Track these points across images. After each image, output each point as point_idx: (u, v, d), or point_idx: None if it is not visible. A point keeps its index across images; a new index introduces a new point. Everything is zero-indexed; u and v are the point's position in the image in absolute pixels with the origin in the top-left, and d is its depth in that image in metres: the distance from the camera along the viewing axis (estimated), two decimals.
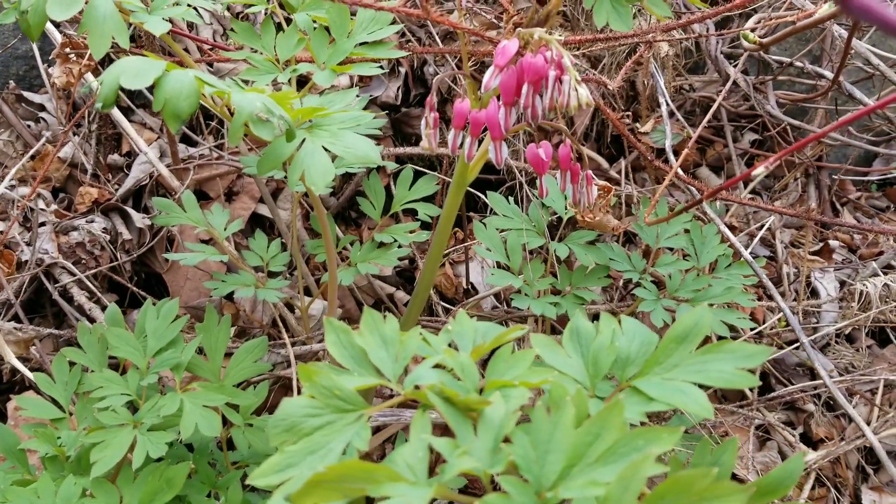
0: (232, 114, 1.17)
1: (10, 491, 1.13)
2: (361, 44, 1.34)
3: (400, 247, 1.66)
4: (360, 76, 2.22)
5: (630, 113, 1.85)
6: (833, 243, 2.20)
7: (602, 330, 0.79)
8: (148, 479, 1.13)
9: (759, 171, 0.86)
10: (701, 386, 0.73)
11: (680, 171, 1.32)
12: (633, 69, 1.43)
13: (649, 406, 0.72)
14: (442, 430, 1.27)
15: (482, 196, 2.00)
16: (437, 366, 0.76)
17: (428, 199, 1.72)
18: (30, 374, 1.41)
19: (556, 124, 1.01)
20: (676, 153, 1.82)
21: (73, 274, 1.77)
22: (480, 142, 1.08)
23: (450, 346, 0.81)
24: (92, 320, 1.71)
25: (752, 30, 1.47)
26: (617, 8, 0.91)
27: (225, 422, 1.32)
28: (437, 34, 2.15)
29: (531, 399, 0.72)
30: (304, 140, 1.08)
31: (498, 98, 0.98)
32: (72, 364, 1.34)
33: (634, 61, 1.34)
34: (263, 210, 2.02)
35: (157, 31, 1.11)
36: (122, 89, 0.96)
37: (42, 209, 1.86)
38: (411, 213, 1.83)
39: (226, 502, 1.21)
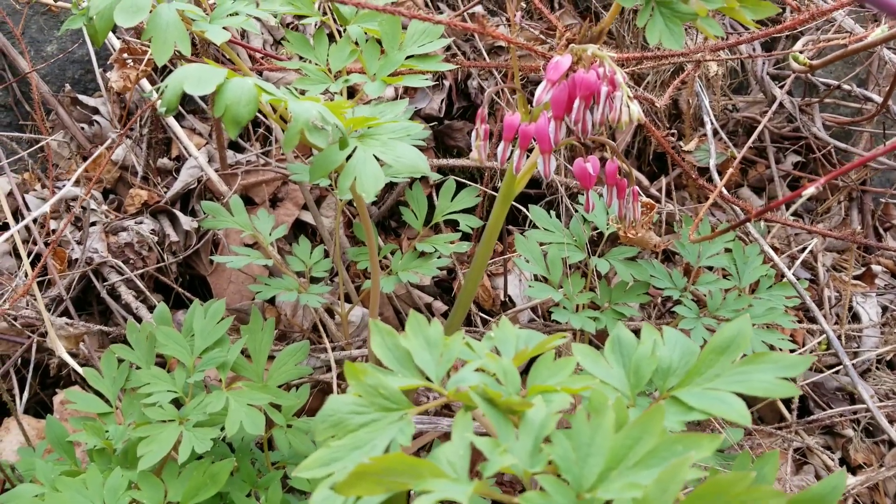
0: (286, 121, 1.21)
1: (59, 481, 1.17)
2: (411, 56, 1.37)
3: (440, 257, 1.68)
4: (404, 88, 2.26)
5: (675, 131, 1.86)
6: (876, 268, 2.18)
7: (644, 340, 0.80)
8: (192, 474, 1.16)
9: (810, 190, 0.86)
10: (742, 397, 0.74)
11: (724, 191, 1.32)
12: (678, 88, 1.44)
13: (688, 415, 0.73)
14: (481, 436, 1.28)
15: (523, 209, 2.02)
16: (479, 370, 0.78)
17: (469, 211, 1.74)
18: (79, 369, 1.45)
19: (602, 139, 1.03)
20: (720, 172, 1.82)
21: (121, 273, 1.82)
22: (528, 155, 1.10)
23: (492, 351, 0.83)
24: (138, 319, 1.75)
25: (801, 52, 1.47)
26: (670, 26, 0.93)
27: (266, 422, 1.35)
28: (484, 48, 2.18)
29: (572, 405, 0.73)
30: (355, 148, 1.11)
31: (548, 112, 1.00)
32: (120, 361, 1.38)
33: (681, 80, 1.35)
34: (307, 217, 2.06)
35: (218, 40, 1.15)
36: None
37: (93, 209, 1.92)
38: (452, 224, 1.85)
39: (266, 501, 1.24)
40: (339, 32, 1.44)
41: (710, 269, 1.61)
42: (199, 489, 1.15)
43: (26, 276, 1.76)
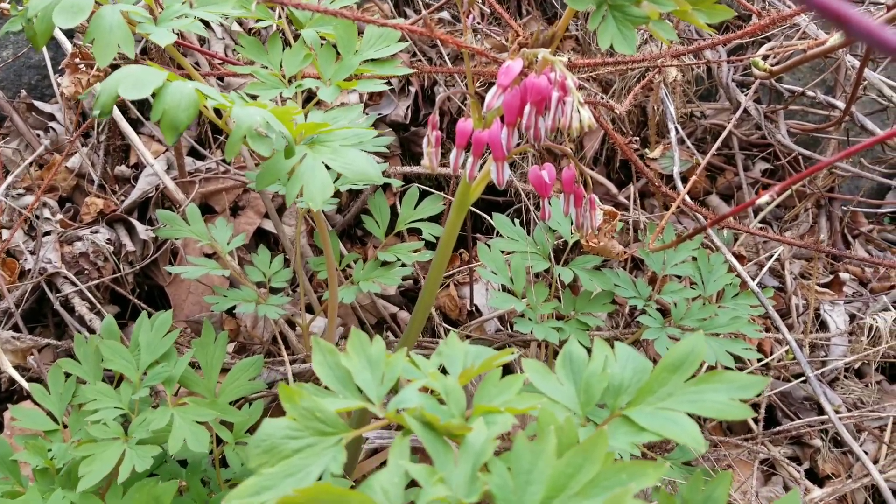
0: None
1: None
2: (368, 60, 1.33)
3: (403, 266, 1.65)
4: (370, 94, 2.23)
5: (639, 138, 1.84)
6: (844, 276, 2.17)
7: (595, 356, 0.77)
8: (136, 495, 1.11)
9: (764, 199, 0.84)
10: (696, 416, 0.71)
11: (687, 199, 1.30)
12: (643, 94, 1.42)
13: (640, 436, 0.70)
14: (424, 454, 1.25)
15: (488, 218, 1.99)
16: (423, 389, 0.74)
17: (434, 219, 1.71)
18: (25, 385, 1.40)
19: (562, 147, 1.00)
20: (685, 180, 1.80)
21: (75, 284, 1.77)
22: (484, 162, 1.07)
23: (440, 369, 0.80)
24: (92, 331, 1.70)
25: (765, 58, 1.45)
26: (622, 30, 0.90)
27: (220, 439, 1.30)
28: (448, 55, 2.15)
29: (516, 426, 0.70)
30: (305, 155, 1.08)
31: (501, 118, 0.97)
32: (67, 375, 1.33)
33: (644, 86, 1.33)
34: (269, 226, 2.02)
35: (163, 43, 1.10)
36: (133, 100, 0.95)
37: (47, 218, 1.87)
38: (416, 233, 1.82)
39: None
40: (296, 37, 1.41)
41: (679, 277, 1.59)
42: None
43: None
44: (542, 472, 0.58)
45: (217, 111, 1.21)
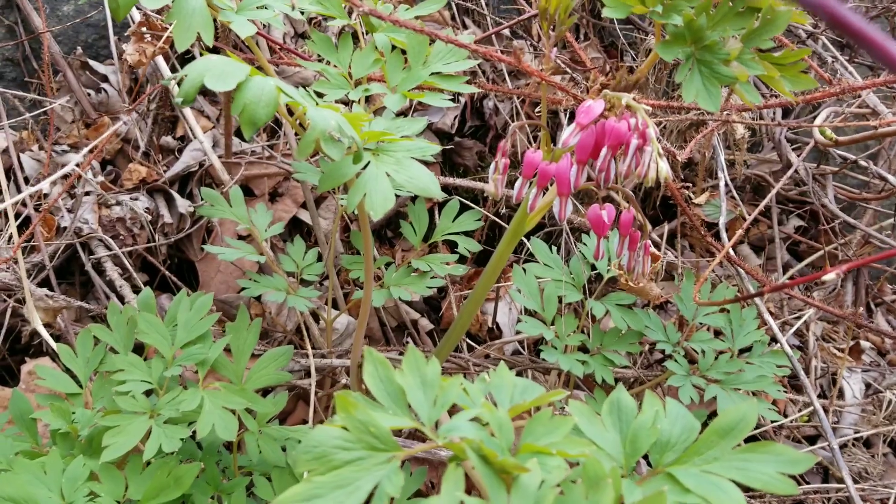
0: (301, 125, 1.18)
1: (16, 462, 1.13)
2: (435, 73, 1.34)
3: (433, 277, 1.66)
4: (418, 101, 2.24)
5: (687, 183, 1.84)
6: (864, 344, 2.17)
7: (645, 409, 0.78)
8: (156, 473, 1.12)
9: (831, 275, 0.84)
10: (739, 485, 0.72)
11: (731, 252, 1.31)
12: (696, 141, 1.42)
13: (685, 497, 0.71)
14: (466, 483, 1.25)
15: (524, 240, 1.99)
16: (473, 419, 0.75)
17: (469, 234, 1.72)
18: (53, 344, 1.41)
19: (625, 190, 1.01)
20: (727, 230, 1.81)
21: (109, 248, 1.78)
22: (543, 194, 1.08)
23: (486, 397, 0.80)
24: (121, 297, 1.71)
25: (824, 124, 1.46)
26: (707, 87, 0.91)
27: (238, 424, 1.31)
28: (505, 70, 2.15)
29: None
30: (368, 163, 1.08)
31: (571, 154, 0.98)
32: (97, 341, 1.34)
33: (703, 136, 1.34)
34: (304, 216, 2.03)
35: (243, 34, 1.11)
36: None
37: (88, 179, 1.88)
38: (448, 244, 1.83)
39: None
40: (364, 38, 1.42)
41: (703, 325, 1.59)
42: (161, 489, 1.12)
43: (10, 239, 1.72)
44: None
45: (288, 108, 1.22)
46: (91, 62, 2.11)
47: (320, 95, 1.33)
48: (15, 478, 1.09)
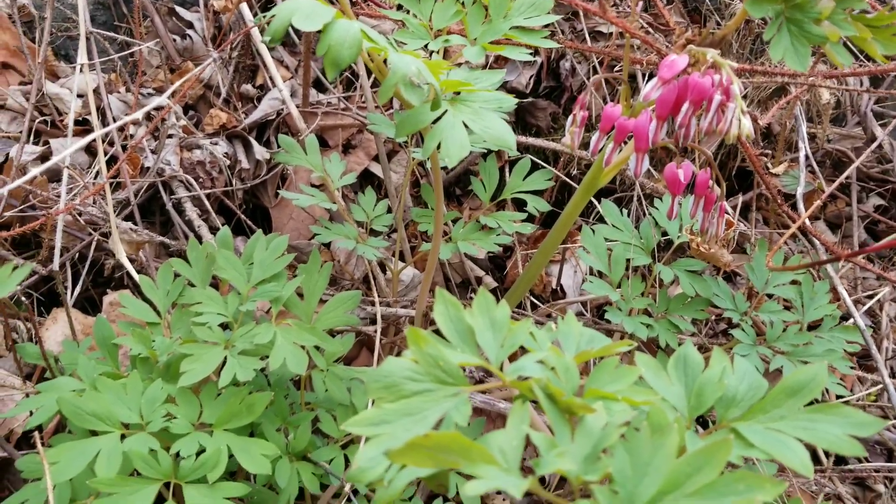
0: (382, 73, 1.20)
1: (99, 381, 1.19)
2: (516, 27, 1.34)
3: (501, 234, 1.66)
4: (495, 57, 2.23)
5: (768, 152, 1.80)
6: None
7: (713, 364, 0.78)
8: (230, 400, 1.17)
9: None
10: (805, 445, 0.72)
11: (807, 223, 1.28)
12: (780, 108, 1.38)
13: (748, 452, 0.71)
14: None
15: (594, 201, 1.98)
16: (539, 361, 0.76)
17: (538, 193, 1.72)
18: (136, 275, 1.47)
19: (703, 150, 0.99)
20: (805, 201, 1.77)
21: (189, 189, 1.84)
22: (620, 150, 1.07)
23: (554, 344, 0.82)
24: (199, 237, 1.77)
25: None
26: (796, 46, 0.89)
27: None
28: (583, 31, 2.13)
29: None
30: (445, 112, 1.09)
31: (651, 110, 0.97)
32: (176, 275, 1.40)
33: (787, 101, 1.30)
34: (375, 169, 2.05)
35: None
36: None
37: (172, 122, 1.94)
38: (516, 203, 1.83)
39: (294, 439, 1.25)
40: None
41: (770, 296, 1.57)
42: (233, 415, 1.17)
43: (97, 175, 1.79)
44: (659, 466, 0.60)
45: (369, 55, 1.24)
46: (178, 8, 2.16)
47: (401, 44, 1.34)
48: (99, 396, 1.15)
